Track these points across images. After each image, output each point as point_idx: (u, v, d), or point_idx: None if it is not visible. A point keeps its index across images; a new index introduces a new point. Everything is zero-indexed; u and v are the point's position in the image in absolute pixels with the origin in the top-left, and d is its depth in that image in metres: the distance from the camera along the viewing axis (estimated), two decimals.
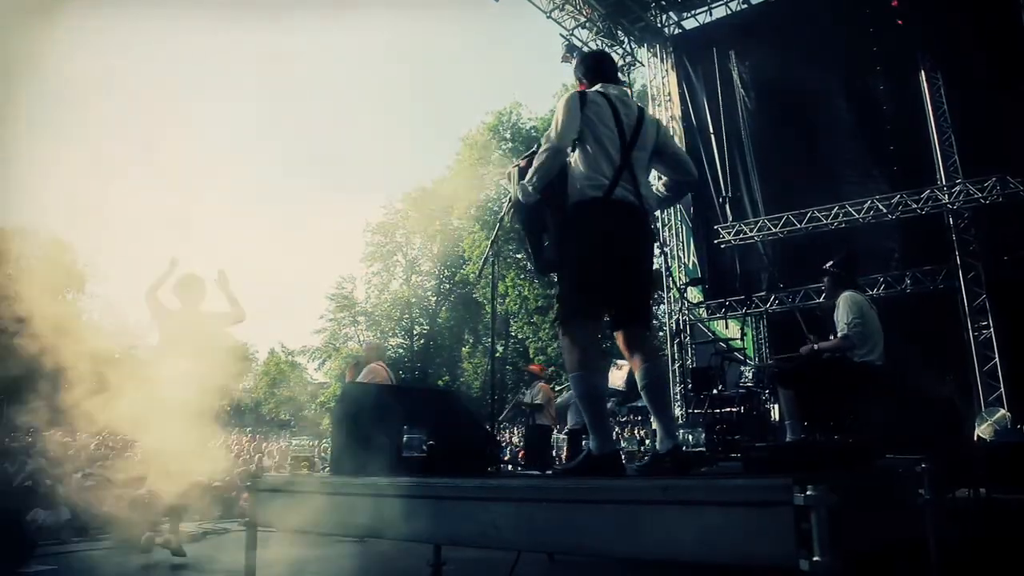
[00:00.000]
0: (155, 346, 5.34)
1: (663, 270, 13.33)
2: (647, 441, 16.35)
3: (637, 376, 2.82)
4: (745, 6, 13.49)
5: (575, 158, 2.89)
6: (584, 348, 2.74)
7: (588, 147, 2.84)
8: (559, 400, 10.04)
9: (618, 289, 2.80)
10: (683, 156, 3.20)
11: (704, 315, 13.94)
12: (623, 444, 15.29)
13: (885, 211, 11.10)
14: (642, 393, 2.82)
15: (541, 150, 2.86)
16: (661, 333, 15.01)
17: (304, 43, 66.84)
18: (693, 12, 14.21)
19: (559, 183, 2.89)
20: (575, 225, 2.83)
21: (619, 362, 8.12)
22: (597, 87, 2.99)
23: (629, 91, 3.90)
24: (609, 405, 6.94)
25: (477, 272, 29.06)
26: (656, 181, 3.18)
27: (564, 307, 2.83)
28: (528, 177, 2.88)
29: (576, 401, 2.86)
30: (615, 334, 2.89)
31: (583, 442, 9.59)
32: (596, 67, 3.11)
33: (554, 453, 10.84)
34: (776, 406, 7.73)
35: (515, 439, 21.81)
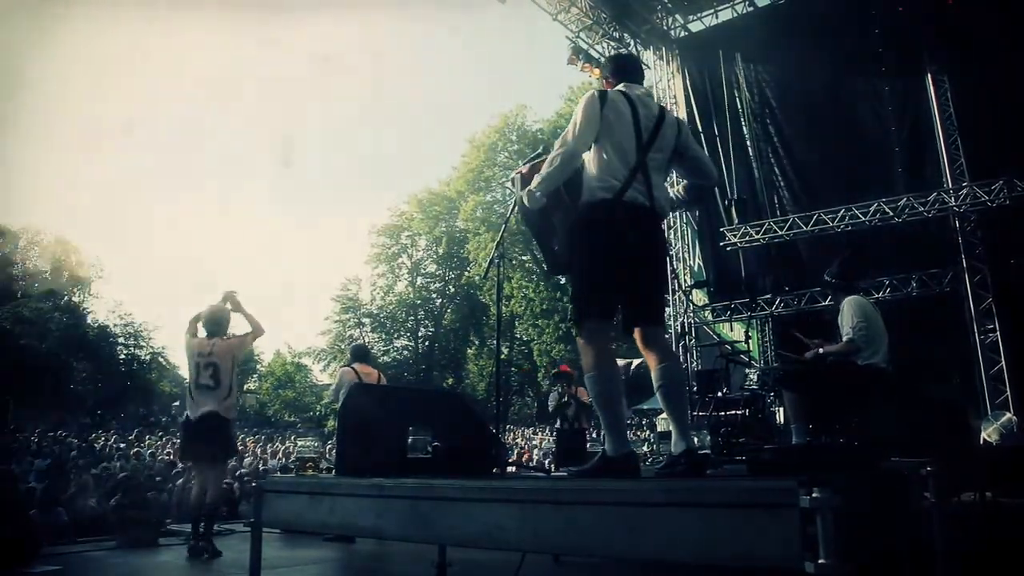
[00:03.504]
0: None
1: (668, 273, 13.30)
2: (647, 443, 16.34)
3: (653, 376, 2.78)
4: (751, 9, 13.49)
5: (589, 158, 2.86)
6: (599, 348, 2.73)
7: (603, 147, 2.81)
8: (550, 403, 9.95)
9: (628, 289, 2.79)
10: (704, 159, 3.18)
11: (709, 318, 13.90)
12: None
13: (891, 214, 11.05)
14: (657, 394, 2.78)
15: (555, 154, 2.82)
16: (667, 336, 14.91)
17: (307, 43, 67.12)
18: (699, 15, 14.20)
19: (570, 184, 2.86)
20: (585, 226, 2.81)
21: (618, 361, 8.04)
22: (620, 87, 2.98)
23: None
24: None
25: (482, 274, 29.06)
26: (675, 186, 3.16)
27: (576, 308, 2.82)
28: (537, 182, 2.83)
29: (591, 400, 2.82)
30: (633, 333, 2.86)
31: (586, 443, 9.56)
32: (621, 68, 3.12)
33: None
34: (781, 409, 7.71)
35: (519, 440, 21.80)
